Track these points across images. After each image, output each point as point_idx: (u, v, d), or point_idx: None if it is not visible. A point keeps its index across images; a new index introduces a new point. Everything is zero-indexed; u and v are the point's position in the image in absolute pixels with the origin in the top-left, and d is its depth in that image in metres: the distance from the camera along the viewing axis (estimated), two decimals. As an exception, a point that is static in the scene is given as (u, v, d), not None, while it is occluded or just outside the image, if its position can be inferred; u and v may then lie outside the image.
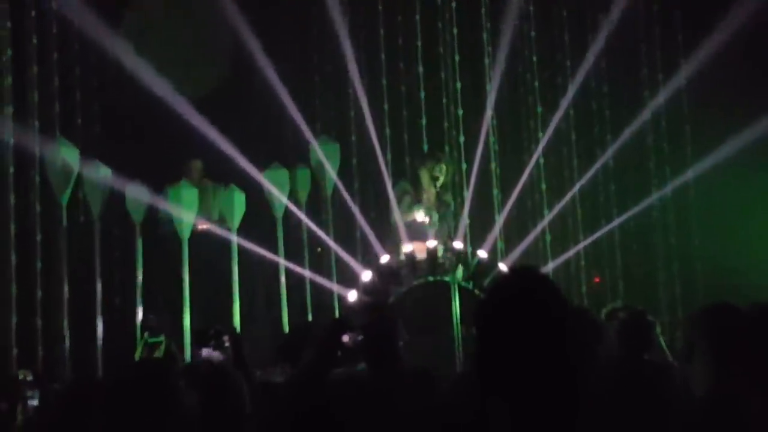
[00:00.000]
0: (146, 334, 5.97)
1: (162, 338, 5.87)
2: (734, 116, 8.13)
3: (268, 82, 7.91)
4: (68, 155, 7.52)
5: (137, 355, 5.92)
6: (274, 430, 2.22)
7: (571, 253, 8.67)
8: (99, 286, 7.71)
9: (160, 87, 7.39)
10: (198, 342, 4.14)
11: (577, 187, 8.77)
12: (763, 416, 1.99)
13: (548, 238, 8.70)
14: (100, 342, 7.53)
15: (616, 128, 8.86)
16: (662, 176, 8.92)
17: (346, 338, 3.25)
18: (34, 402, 4.36)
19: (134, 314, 7.61)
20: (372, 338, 3.40)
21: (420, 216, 7.00)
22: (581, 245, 8.72)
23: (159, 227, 8.01)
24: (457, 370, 5.54)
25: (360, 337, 3.28)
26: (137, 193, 7.83)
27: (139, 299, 7.71)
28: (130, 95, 7.81)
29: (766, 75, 8.04)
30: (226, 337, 3.94)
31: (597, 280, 9.18)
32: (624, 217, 8.69)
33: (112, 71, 7.73)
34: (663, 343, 4.64)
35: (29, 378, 4.47)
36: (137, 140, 8.25)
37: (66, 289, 7.51)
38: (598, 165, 8.81)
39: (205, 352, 3.40)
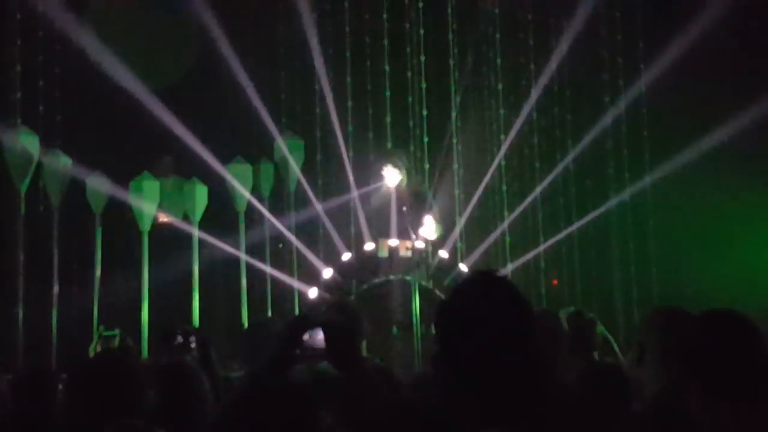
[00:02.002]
0: (101, 327, 5.90)
1: (117, 331, 5.81)
2: (692, 124, 8.29)
3: (233, 75, 7.88)
4: (28, 143, 7.40)
5: (92, 348, 5.85)
6: (230, 425, 2.22)
7: (530, 255, 8.76)
8: (56, 277, 7.62)
9: (124, 77, 7.32)
10: (164, 342, 4.11)
11: (538, 190, 8.86)
12: (707, 421, 2.06)
13: (508, 239, 8.78)
14: (54, 333, 7.44)
15: (577, 133, 8.97)
16: (621, 181, 9.05)
17: (306, 336, 3.26)
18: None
19: (91, 306, 7.54)
20: (334, 336, 3.40)
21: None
22: (540, 248, 8.81)
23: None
24: (417, 368, 5.58)
25: (320, 336, 3.28)
26: (98, 184, 7.75)
27: (96, 291, 7.64)
28: (94, 84, 7.72)
29: (724, 84, 8.20)
30: (192, 338, 3.92)
31: (555, 282, 9.29)
32: (583, 220, 8.80)
33: (76, 59, 7.63)
34: (609, 336, 4.71)
35: None
36: (99, 130, 8.15)
37: (22, 278, 7.40)
38: (558, 169, 8.91)
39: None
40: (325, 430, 2.21)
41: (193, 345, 3.79)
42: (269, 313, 7.90)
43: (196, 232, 7.84)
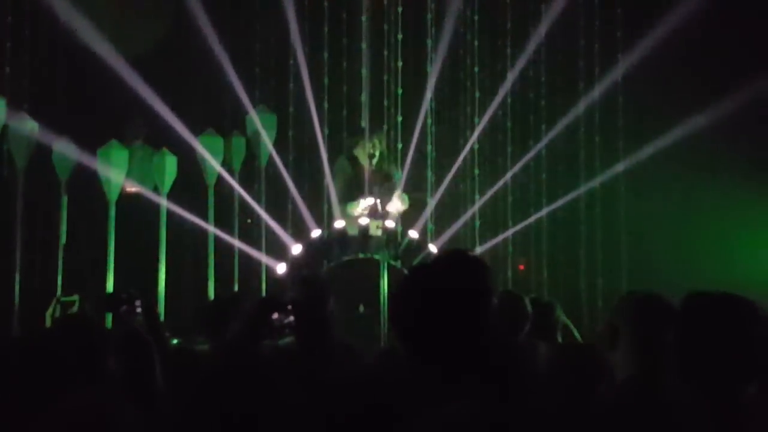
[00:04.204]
0: (59, 293, 5.81)
1: (76, 297, 5.72)
2: (666, 113, 8.34)
3: (208, 46, 7.77)
4: (-6, 106, 7.26)
5: (49, 313, 5.76)
6: (196, 400, 2.20)
7: (499, 239, 8.79)
8: (19, 243, 7.50)
9: (96, 42, 7.18)
10: (110, 306, 4.03)
11: (509, 174, 8.88)
12: (682, 402, 2.06)
13: (477, 222, 8.80)
14: (17, 300, 7.33)
15: (551, 118, 8.99)
16: (592, 168, 9.09)
17: (275, 316, 3.23)
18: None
19: (55, 273, 7.43)
20: (301, 311, 3.38)
21: (359, 210, 6.96)
22: (509, 232, 8.84)
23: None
24: (382, 345, 5.58)
25: (288, 319, 3.25)
26: (65, 150, 7.63)
27: (60, 259, 7.54)
28: (64, 48, 7.57)
29: (699, 74, 8.26)
30: (138, 302, 3.84)
31: (521, 267, 9.33)
32: (553, 206, 8.84)
33: (46, 21, 7.46)
34: (569, 323, 4.74)
35: None
36: (68, 95, 8.00)
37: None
38: (531, 154, 8.93)
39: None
40: (289, 403, 2.19)
41: (138, 310, 3.71)
42: (236, 288, 7.85)
43: (164, 203, 7.75)
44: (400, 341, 1.81)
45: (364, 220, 6.79)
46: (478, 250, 8.47)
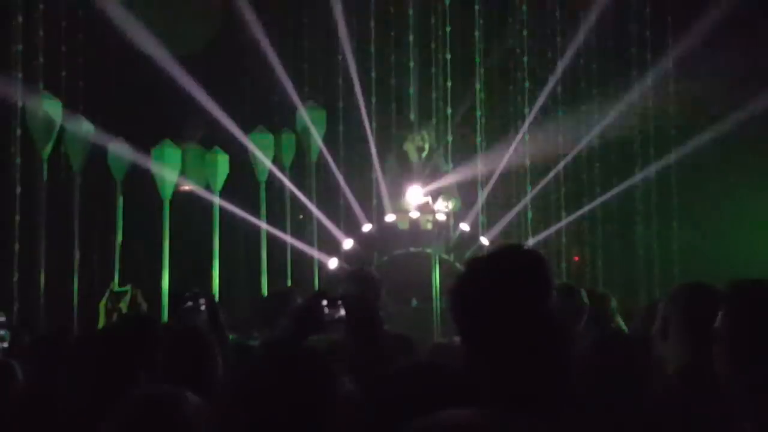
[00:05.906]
0: (112, 283, 5.89)
1: (128, 288, 5.81)
2: (720, 101, 8.16)
3: (257, 44, 7.84)
4: (51, 109, 7.41)
5: (102, 304, 5.86)
6: (246, 392, 2.21)
7: (552, 230, 8.70)
8: (77, 242, 7.68)
9: (148, 43, 7.30)
10: (175, 305, 4.12)
11: (562, 164, 8.77)
12: (735, 393, 2.01)
13: (530, 214, 8.72)
14: (75, 298, 7.51)
15: (603, 107, 8.86)
16: (646, 157, 8.94)
17: (326, 311, 3.24)
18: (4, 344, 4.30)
19: (112, 272, 7.59)
20: (352, 306, 3.39)
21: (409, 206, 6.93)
22: (563, 223, 8.74)
23: None
24: (435, 340, 5.57)
25: (340, 314, 3.25)
26: (120, 151, 7.77)
27: (117, 257, 7.69)
28: (117, 50, 7.71)
29: (753, 61, 8.06)
30: (202, 301, 3.92)
31: (576, 258, 9.23)
32: (606, 196, 8.72)
33: (100, 25, 7.61)
34: (618, 317, 4.67)
35: (1, 318, 4.42)
36: (122, 97, 8.15)
37: (43, 243, 7.45)
38: (582, 143, 8.81)
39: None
40: (341, 396, 2.19)
41: (202, 308, 3.78)
42: (289, 283, 7.92)
43: (217, 201, 7.85)
44: (462, 337, 1.78)
45: (414, 214, 6.78)
46: (531, 241, 8.40)
